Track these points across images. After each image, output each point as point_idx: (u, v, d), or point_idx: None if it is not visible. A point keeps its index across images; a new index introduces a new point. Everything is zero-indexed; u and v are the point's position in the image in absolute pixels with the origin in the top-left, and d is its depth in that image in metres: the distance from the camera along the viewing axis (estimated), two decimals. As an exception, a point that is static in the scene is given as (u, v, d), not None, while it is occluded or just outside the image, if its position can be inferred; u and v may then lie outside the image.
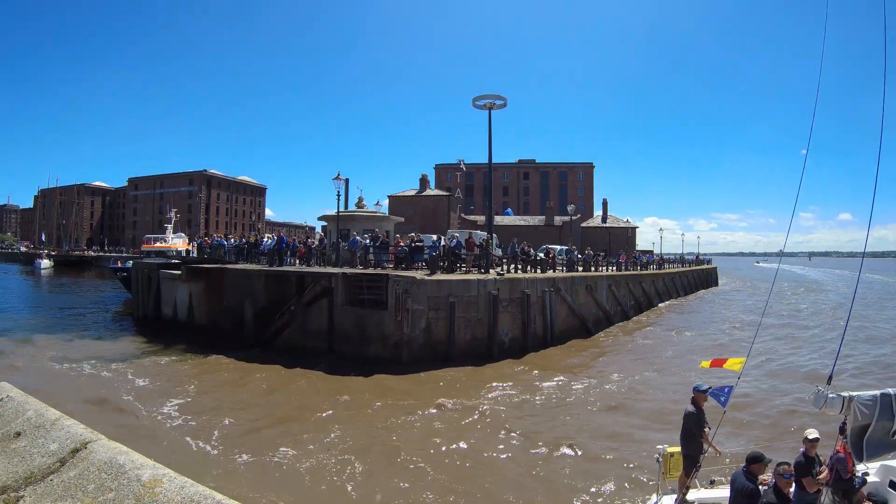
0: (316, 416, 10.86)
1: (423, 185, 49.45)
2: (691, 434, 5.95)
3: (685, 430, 6.03)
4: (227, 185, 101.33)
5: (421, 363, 14.59)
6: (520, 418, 11.07)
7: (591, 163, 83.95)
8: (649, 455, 8.94)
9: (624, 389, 13.37)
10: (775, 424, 10.85)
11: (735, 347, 19.69)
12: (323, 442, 9.37)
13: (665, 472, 5.95)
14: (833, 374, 5.18)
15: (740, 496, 4.66)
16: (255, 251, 23.53)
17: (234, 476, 7.96)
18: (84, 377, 13.72)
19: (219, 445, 9.10)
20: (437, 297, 15.34)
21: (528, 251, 22.61)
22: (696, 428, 5.94)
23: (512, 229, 50.92)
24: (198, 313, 20.17)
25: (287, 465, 8.37)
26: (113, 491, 1.73)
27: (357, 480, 7.92)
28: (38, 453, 2.02)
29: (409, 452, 8.99)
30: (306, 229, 79.21)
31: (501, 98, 20.10)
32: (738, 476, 4.79)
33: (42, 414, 2.34)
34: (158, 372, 14.42)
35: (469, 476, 8.23)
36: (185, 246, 40.73)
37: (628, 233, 57.21)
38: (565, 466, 8.63)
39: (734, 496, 4.75)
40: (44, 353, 16.37)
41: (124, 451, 1.96)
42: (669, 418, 11.14)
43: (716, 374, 10.59)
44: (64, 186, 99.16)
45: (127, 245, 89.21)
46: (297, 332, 16.96)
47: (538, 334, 17.98)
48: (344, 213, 24.04)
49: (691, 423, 5.97)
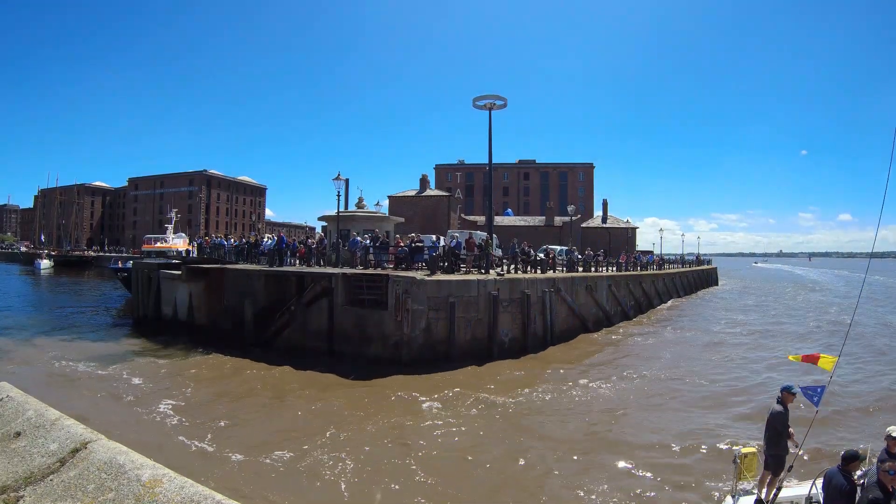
0: (315, 417, 10.85)
1: (423, 185, 49.47)
2: (779, 434, 5.92)
3: (772, 431, 5.96)
4: (227, 185, 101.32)
5: (421, 363, 14.59)
6: (520, 419, 11.06)
7: (591, 163, 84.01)
8: (652, 457, 8.97)
9: (626, 390, 13.36)
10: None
11: (736, 348, 19.72)
12: (322, 442, 9.36)
13: (739, 474, 5.89)
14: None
15: (838, 495, 4.59)
16: (255, 251, 23.53)
17: (231, 476, 7.95)
18: (84, 377, 13.71)
19: (216, 445, 9.09)
20: (437, 298, 15.34)
21: (528, 251, 22.61)
22: (783, 428, 5.92)
23: (512, 229, 50.92)
24: (198, 313, 20.16)
25: (284, 466, 8.37)
26: (113, 491, 1.73)
27: (353, 481, 7.91)
28: (38, 453, 2.03)
29: (409, 452, 8.98)
30: (306, 229, 79.26)
31: (501, 98, 20.11)
32: (835, 474, 4.72)
33: (42, 414, 2.34)
34: (157, 372, 14.41)
35: (468, 477, 8.22)
36: (186, 246, 40.75)
37: (628, 233, 57.20)
38: (566, 468, 8.62)
39: (830, 494, 4.68)
40: (44, 353, 16.36)
41: (124, 451, 1.96)
42: (674, 418, 11.18)
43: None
44: (64, 186, 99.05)
45: (127, 245, 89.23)
46: (297, 332, 16.96)
47: (538, 334, 17.98)
48: (344, 214, 24.04)
49: (779, 424, 5.93)
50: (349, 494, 7.54)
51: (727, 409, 11.93)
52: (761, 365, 16.69)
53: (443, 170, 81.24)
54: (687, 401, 12.64)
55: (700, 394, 13.29)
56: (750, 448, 6.09)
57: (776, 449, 5.86)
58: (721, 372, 15.75)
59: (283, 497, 7.40)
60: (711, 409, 11.91)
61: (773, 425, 5.94)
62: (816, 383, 6.16)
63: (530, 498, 7.60)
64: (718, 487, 7.59)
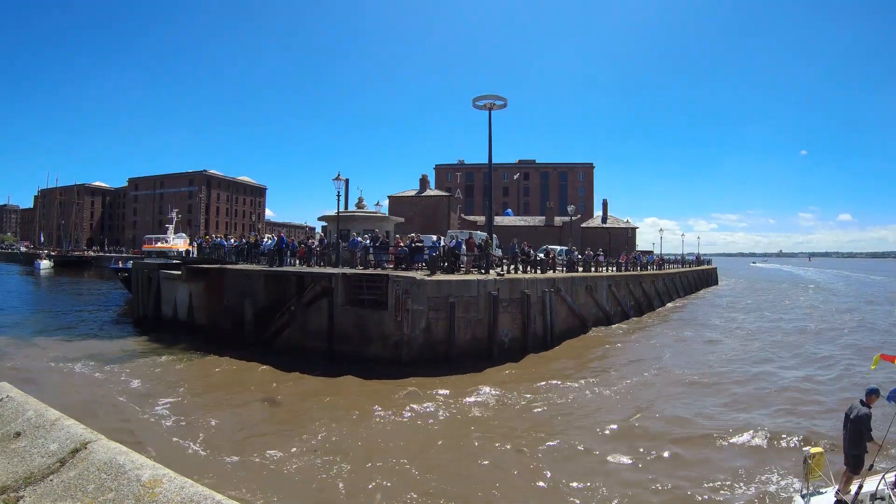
0: (314, 417, 10.83)
1: (423, 185, 49.47)
2: (861, 435, 6.04)
3: (855, 432, 6.09)
4: (227, 185, 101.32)
5: (421, 363, 14.59)
6: (522, 419, 11.06)
7: (592, 163, 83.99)
8: (656, 460, 8.97)
9: (627, 391, 13.35)
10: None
11: (735, 346, 19.72)
12: (322, 442, 9.36)
13: (808, 474, 6.03)
14: None
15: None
16: (255, 251, 23.53)
17: (229, 476, 7.95)
18: (83, 377, 13.71)
19: (215, 445, 9.08)
20: (437, 298, 15.34)
21: (528, 251, 22.61)
22: (867, 430, 6.04)
23: (512, 230, 50.93)
24: (198, 313, 20.16)
25: (282, 466, 8.36)
26: (113, 491, 1.73)
27: (353, 481, 7.90)
28: (37, 453, 2.02)
29: (409, 452, 8.98)
30: (306, 229, 79.20)
31: (501, 98, 20.10)
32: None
33: (42, 414, 2.33)
34: (157, 372, 14.41)
35: (466, 479, 8.22)
36: (187, 246, 40.75)
37: (628, 233, 57.20)
38: (567, 469, 8.61)
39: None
40: (44, 354, 16.36)
41: (124, 452, 1.95)
42: (678, 418, 11.17)
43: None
44: (64, 186, 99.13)
45: (127, 245, 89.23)
46: (297, 332, 16.95)
47: (538, 335, 17.97)
48: (344, 214, 24.05)
49: (864, 425, 6.05)
50: (346, 493, 7.54)
51: (735, 404, 11.98)
52: (755, 360, 16.75)
53: (443, 170, 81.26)
54: (692, 401, 12.64)
55: (703, 394, 13.30)
56: (817, 448, 6.26)
57: (857, 449, 6.01)
58: (725, 371, 15.74)
59: (283, 497, 7.39)
60: (720, 406, 11.95)
61: (857, 426, 6.08)
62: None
63: (533, 497, 7.60)
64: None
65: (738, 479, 8.11)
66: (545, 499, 7.58)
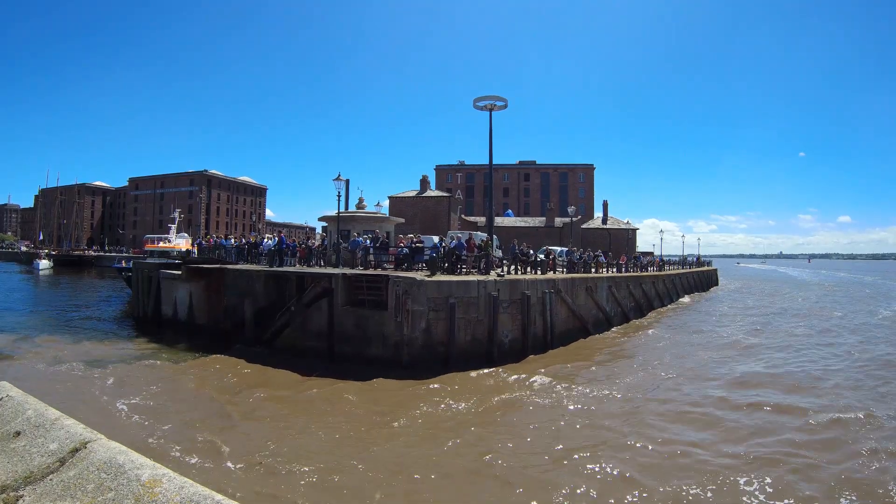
0: (313, 417, 10.84)
1: (424, 185, 49.47)
2: None
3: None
4: (228, 185, 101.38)
5: (421, 364, 14.58)
6: (523, 419, 11.05)
7: (592, 164, 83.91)
8: (656, 460, 8.96)
9: (628, 392, 13.33)
10: None
11: (736, 346, 19.71)
12: (321, 442, 9.36)
13: None
14: None
15: None
16: (255, 252, 23.53)
17: (229, 476, 7.94)
18: (83, 376, 13.70)
19: (214, 445, 9.07)
20: (437, 298, 15.33)
21: (528, 252, 22.59)
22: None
23: (512, 230, 50.94)
24: (198, 313, 20.17)
25: (282, 466, 8.35)
26: (112, 491, 1.72)
27: (352, 480, 7.90)
28: (37, 453, 2.02)
29: (409, 453, 8.97)
30: (306, 230, 79.27)
31: (502, 99, 20.08)
32: None
33: (42, 413, 2.33)
34: (156, 372, 14.40)
35: (472, 485, 8.21)
36: (188, 246, 40.81)
37: (629, 234, 57.18)
38: (566, 470, 8.60)
39: None
40: (44, 353, 16.35)
41: (124, 451, 1.95)
42: (683, 418, 11.16)
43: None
44: (64, 186, 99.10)
45: (127, 245, 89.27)
46: (297, 332, 16.95)
47: (538, 335, 17.96)
48: (344, 214, 24.04)
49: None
50: (347, 492, 7.54)
51: (737, 404, 11.96)
52: (751, 360, 16.73)
53: (443, 170, 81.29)
54: (701, 402, 12.62)
55: (706, 392, 13.28)
56: None
57: None
58: (725, 372, 15.73)
59: (282, 497, 7.38)
60: (722, 407, 11.94)
61: None
62: None
63: (537, 498, 7.59)
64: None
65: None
66: (545, 499, 7.57)
